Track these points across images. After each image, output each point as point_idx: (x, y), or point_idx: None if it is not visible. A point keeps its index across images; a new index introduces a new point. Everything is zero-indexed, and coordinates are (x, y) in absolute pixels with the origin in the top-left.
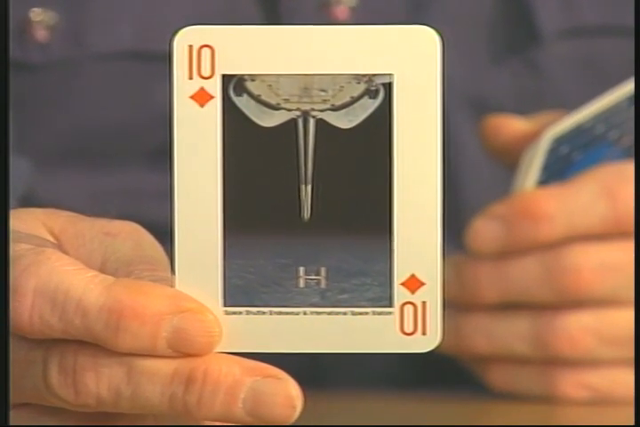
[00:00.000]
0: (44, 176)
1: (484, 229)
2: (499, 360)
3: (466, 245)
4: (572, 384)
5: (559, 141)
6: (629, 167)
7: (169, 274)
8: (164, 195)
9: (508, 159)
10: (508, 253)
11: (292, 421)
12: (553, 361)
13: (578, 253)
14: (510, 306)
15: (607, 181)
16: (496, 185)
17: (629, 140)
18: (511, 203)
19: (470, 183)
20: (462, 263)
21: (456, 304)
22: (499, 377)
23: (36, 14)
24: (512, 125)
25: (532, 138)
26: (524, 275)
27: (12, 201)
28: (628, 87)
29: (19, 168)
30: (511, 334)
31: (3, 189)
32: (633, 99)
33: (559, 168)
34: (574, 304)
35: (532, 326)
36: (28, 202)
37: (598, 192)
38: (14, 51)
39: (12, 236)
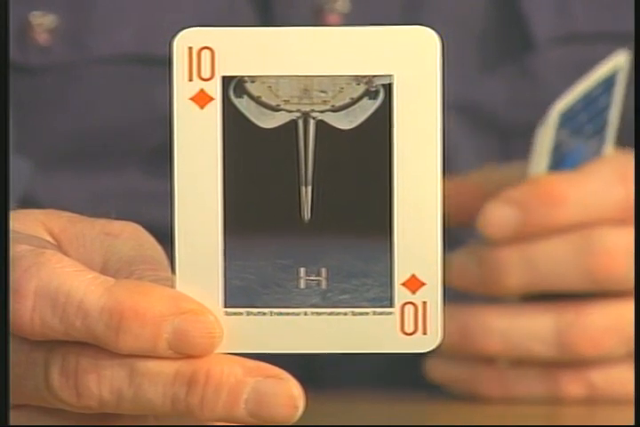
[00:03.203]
0: (43, 178)
1: (499, 214)
2: (510, 361)
3: (479, 231)
4: (574, 383)
5: (562, 119)
6: None
7: (170, 274)
8: (164, 196)
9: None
10: (530, 237)
11: (294, 421)
12: (562, 362)
13: (609, 236)
14: (530, 302)
15: (621, 167)
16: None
17: (595, 143)
18: (526, 187)
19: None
20: (483, 253)
21: (477, 296)
22: (497, 381)
23: (37, 17)
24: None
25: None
26: (552, 259)
27: (11, 202)
28: (600, 71)
29: (19, 170)
30: (530, 334)
31: (3, 190)
32: (601, 88)
33: (559, 156)
34: (602, 293)
35: (555, 327)
36: (28, 203)
37: (613, 178)
38: (15, 53)
39: (12, 237)
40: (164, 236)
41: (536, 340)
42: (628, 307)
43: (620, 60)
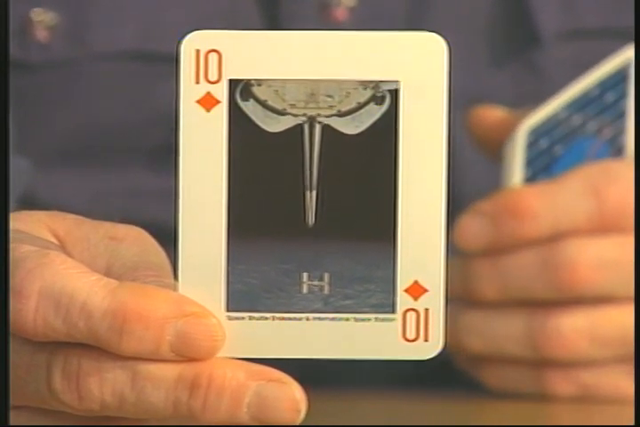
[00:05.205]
0: (44, 176)
1: (470, 226)
2: (492, 360)
3: (453, 242)
4: (563, 382)
5: (536, 134)
6: (616, 165)
7: (172, 281)
8: (166, 195)
9: (492, 149)
10: (501, 249)
11: (296, 424)
12: (545, 362)
13: (575, 248)
14: (505, 305)
15: (593, 180)
16: (499, 190)
17: (611, 131)
18: (496, 200)
19: (472, 188)
20: (459, 262)
21: (453, 303)
22: (492, 376)
23: (37, 14)
24: (493, 114)
25: (512, 127)
26: (521, 271)
27: (12, 202)
28: (595, 74)
29: (19, 168)
30: (505, 334)
31: (3, 189)
32: (605, 86)
33: (544, 164)
34: (570, 301)
35: (526, 328)
36: (28, 202)
37: (583, 190)
38: (15, 51)
39: (15, 238)
40: (166, 235)
41: (511, 341)
42: (601, 313)
43: (627, 56)
